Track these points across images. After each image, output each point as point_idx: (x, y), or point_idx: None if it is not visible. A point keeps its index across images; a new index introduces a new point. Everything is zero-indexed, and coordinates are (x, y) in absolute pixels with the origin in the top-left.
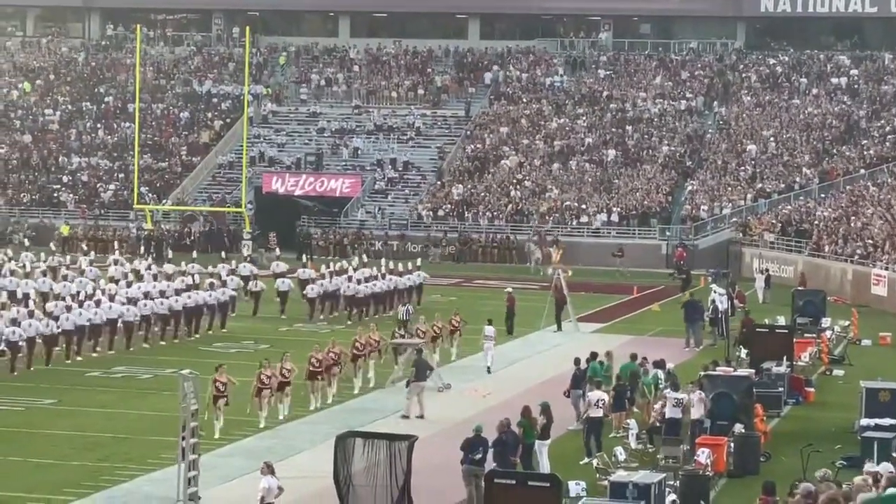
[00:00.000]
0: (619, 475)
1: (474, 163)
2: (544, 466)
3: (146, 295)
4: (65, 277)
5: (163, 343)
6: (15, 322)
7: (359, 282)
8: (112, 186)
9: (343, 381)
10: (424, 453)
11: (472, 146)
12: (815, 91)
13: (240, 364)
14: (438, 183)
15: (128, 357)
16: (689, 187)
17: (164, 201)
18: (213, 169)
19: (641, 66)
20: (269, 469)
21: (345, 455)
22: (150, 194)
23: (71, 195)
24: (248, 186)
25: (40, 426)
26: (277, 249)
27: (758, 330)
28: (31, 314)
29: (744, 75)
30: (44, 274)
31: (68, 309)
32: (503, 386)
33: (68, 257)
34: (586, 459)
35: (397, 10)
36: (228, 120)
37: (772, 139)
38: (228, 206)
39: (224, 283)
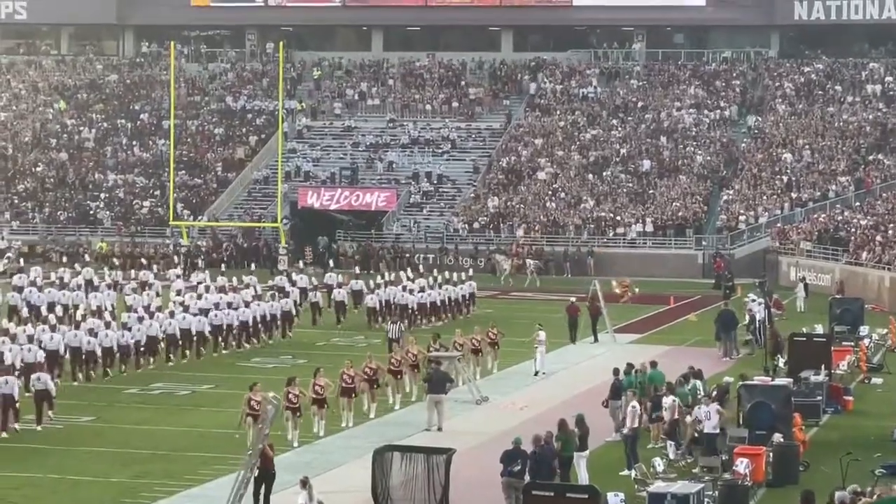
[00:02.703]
0: (658, 486)
1: (509, 175)
2: (583, 478)
3: (216, 306)
4: (135, 290)
5: (241, 350)
6: (92, 332)
7: (411, 291)
8: (148, 203)
9: (380, 395)
10: (462, 466)
11: (508, 158)
12: (850, 99)
13: (279, 379)
14: (472, 196)
15: (165, 373)
16: (725, 197)
17: (199, 217)
18: (249, 184)
19: (675, 76)
20: (306, 484)
21: (383, 469)
22: (185, 211)
23: (107, 212)
24: (283, 201)
25: (79, 443)
26: (331, 262)
27: (795, 338)
28: (107, 325)
29: (778, 84)
30: (108, 287)
31: (140, 320)
32: (540, 398)
33: (132, 272)
34: (626, 471)
35: (430, 24)
36: (263, 135)
37: (807, 147)
38: (264, 222)
39: (287, 294)
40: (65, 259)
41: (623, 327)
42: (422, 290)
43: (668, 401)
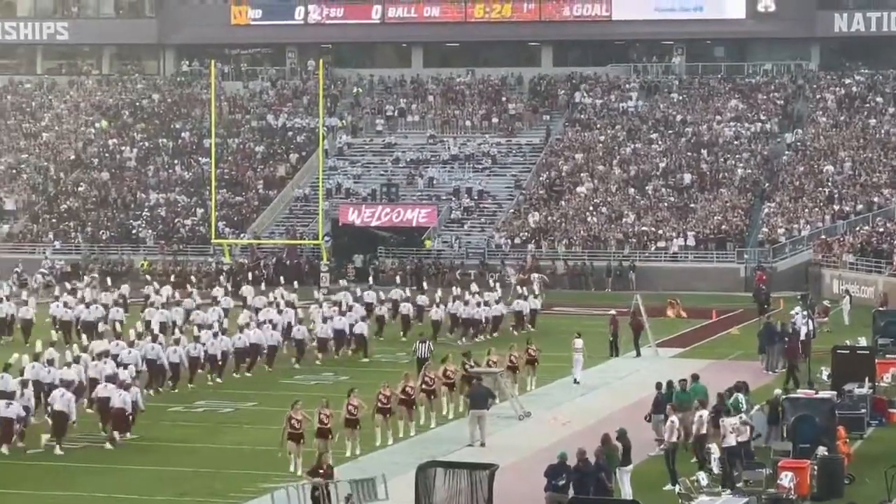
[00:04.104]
0: (702, 500)
1: (550, 190)
2: (626, 493)
3: (300, 321)
4: (200, 307)
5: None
6: (169, 345)
7: (478, 305)
8: (189, 221)
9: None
10: (506, 482)
11: (548, 173)
12: (891, 110)
13: (321, 396)
14: (513, 212)
15: (208, 391)
16: (766, 210)
17: (241, 235)
18: (290, 202)
19: (715, 90)
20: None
21: (426, 485)
22: (227, 228)
23: (150, 231)
24: (325, 218)
25: (123, 462)
26: (397, 278)
27: (839, 351)
28: (176, 342)
29: (819, 96)
30: (177, 304)
31: (215, 336)
32: (583, 413)
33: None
34: (669, 486)
35: (469, 40)
36: (304, 153)
37: (849, 160)
38: (305, 239)
39: (350, 310)
40: (111, 278)
41: (666, 341)
42: (486, 303)
43: (700, 414)
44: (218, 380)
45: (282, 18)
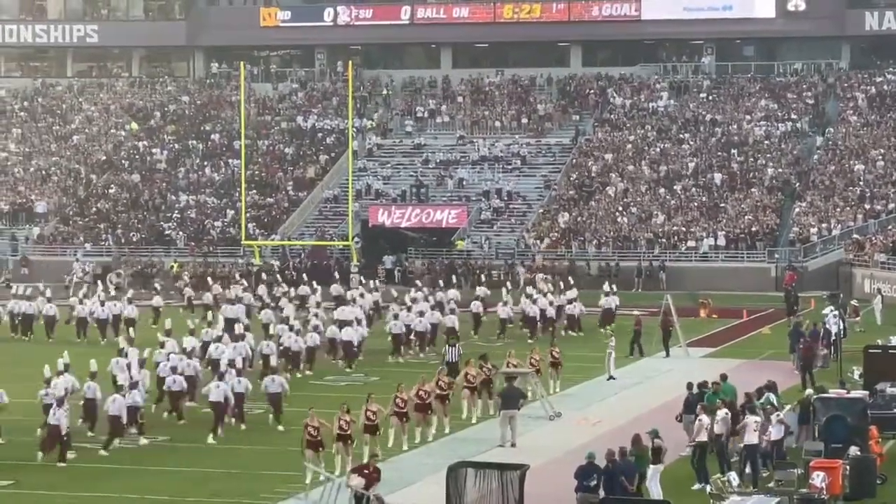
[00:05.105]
0: (734, 500)
1: (580, 190)
2: (655, 493)
3: (395, 317)
4: (271, 308)
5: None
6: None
7: (551, 303)
8: (220, 223)
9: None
10: (536, 482)
11: (578, 173)
12: None
13: (350, 398)
14: (542, 211)
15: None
16: (797, 209)
17: (272, 237)
18: (320, 203)
19: (745, 89)
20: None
21: (457, 485)
22: (257, 230)
23: (180, 233)
24: (354, 219)
25: (154, 463)
26: (482, 277)
27: (871, 351)
28: (241, 338)
29: (849, 95)
30: (238, 300)
31: (297, 332)
32: (613, 413)
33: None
34: (698, 485)
35: (499, 41)
36: (333, 154)
37: (880, 159)
38: (334, 241)
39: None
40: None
41: (696, 341)
42: (570, 302)
43: (720, 414)
44: (298, 375)
45: (311, 20)
